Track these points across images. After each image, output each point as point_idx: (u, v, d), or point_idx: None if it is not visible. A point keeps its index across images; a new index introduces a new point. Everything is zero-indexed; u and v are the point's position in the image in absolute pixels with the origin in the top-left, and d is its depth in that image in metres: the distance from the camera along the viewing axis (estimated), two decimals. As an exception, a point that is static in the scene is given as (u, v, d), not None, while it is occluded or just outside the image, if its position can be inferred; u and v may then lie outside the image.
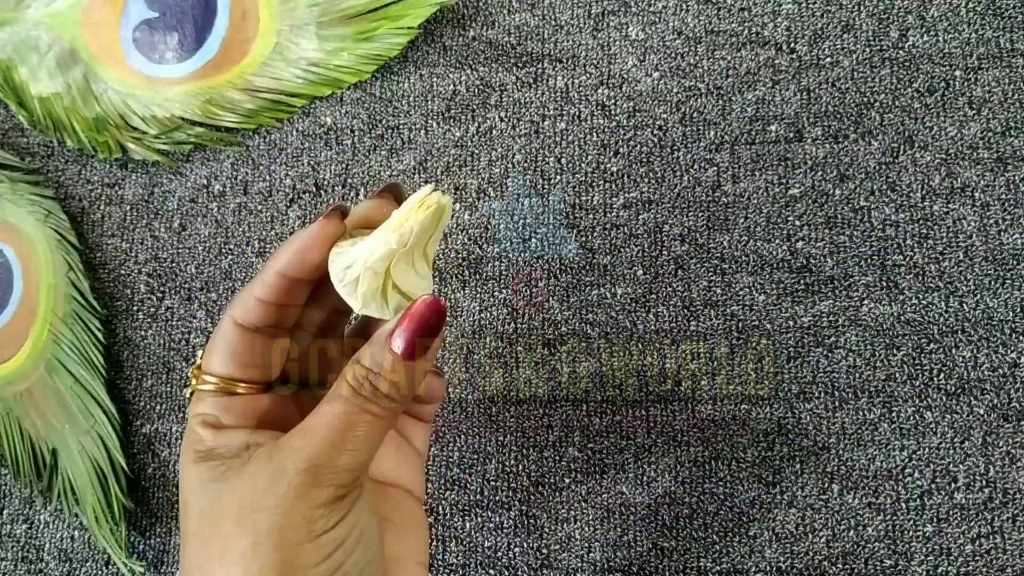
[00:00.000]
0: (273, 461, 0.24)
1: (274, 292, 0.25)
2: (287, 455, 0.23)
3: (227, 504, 0.24)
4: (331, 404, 0.24)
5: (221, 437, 0.25)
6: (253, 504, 0.23)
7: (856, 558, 0.34)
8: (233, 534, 0.23)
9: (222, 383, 0.26)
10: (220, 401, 0.26)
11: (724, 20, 0.39)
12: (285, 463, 0.23)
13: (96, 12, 0.42)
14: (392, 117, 0.40)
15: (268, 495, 0.23)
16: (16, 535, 0.39)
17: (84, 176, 0.41)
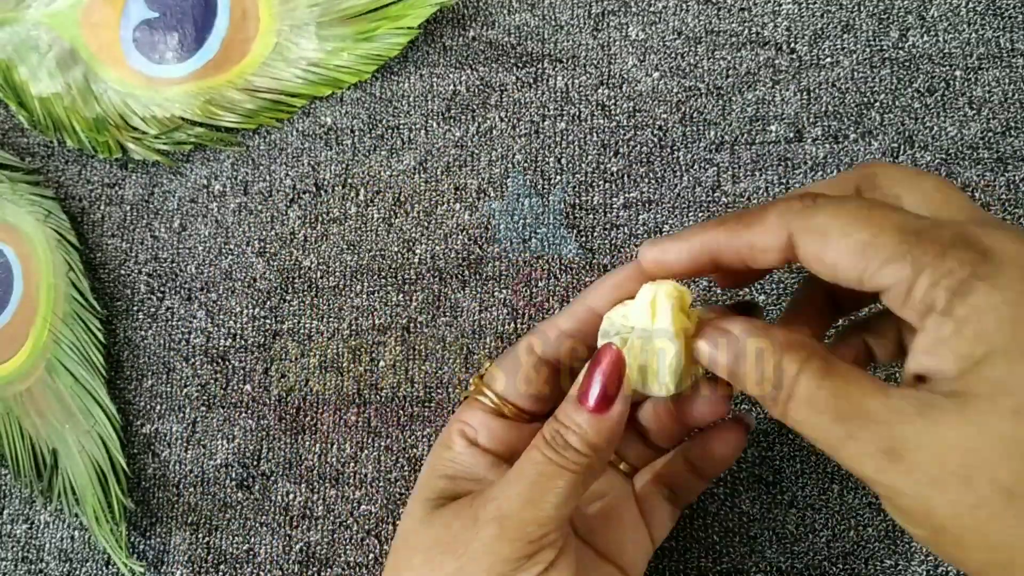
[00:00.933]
0: (472, 507, 0.24)
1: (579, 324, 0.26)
2: (482, 504, 0.24)
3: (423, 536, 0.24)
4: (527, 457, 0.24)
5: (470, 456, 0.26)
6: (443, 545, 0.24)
7: (856, 558, 0.34)
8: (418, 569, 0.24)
9: (498, 402, 0.27)
10: (486, 419, 0.27)
11: (724, 20, 0.39)
12: (478, 512, 0.24)
13: (96, 12, 0.42)
14: (392, 117, 0.40)
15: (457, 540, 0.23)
16: (16, 535, 0.39)
17: (84, 176, 0.41)
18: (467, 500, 0.24)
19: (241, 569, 0.37)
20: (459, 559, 0.23)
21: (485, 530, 0.23)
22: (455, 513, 0.24)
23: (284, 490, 0.37)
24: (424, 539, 0.24)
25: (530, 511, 0.23)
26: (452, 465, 0.26)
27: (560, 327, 0.26)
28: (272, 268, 0.39)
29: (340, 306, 0.38)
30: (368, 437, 0.37)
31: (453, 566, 0.23)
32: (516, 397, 0.27)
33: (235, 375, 0.39)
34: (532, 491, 0.23)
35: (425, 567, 0.24)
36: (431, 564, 0.24)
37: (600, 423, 0.23)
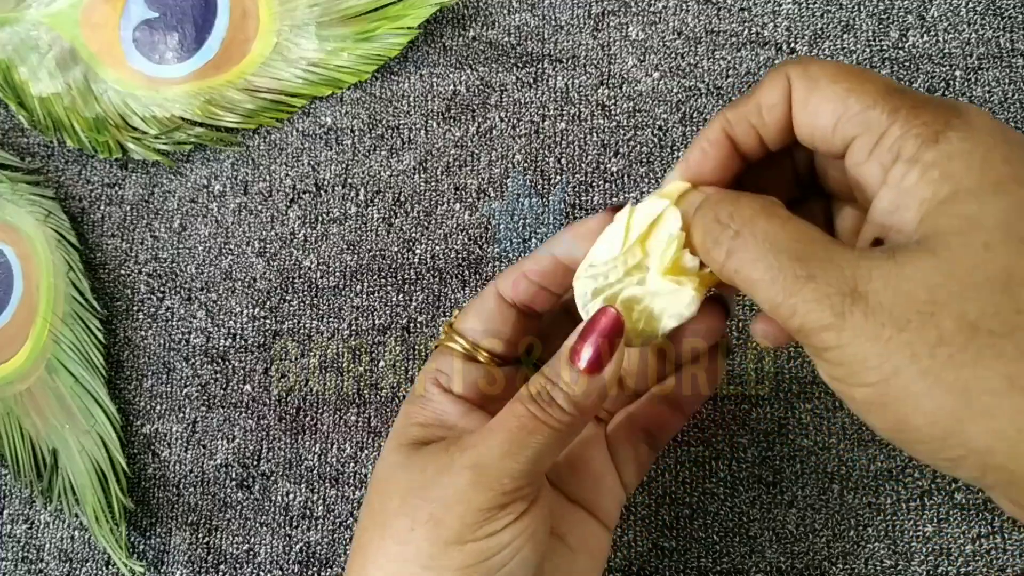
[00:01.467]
0: (448, 452, 0.24)
1: (543, 274, 0.26)
2: (459, 450, 0.24)
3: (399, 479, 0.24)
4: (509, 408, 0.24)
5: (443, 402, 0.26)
6: (418, 489, 0.24)
7: (856, 558, 0.34)
8: (396, 513, 0.24)
9: (469, 346, 0.27)
10: (458, 364, 0.27)
11: (724, 20, 0.39)
12: (455, 457, 0.24)
13: (96, 12, 0.42)
14: (392, 117, 0.40)
15: (433, 485, 0.24)
16: (16, 535, 0.39)
17: (84, 176, 0.41)
18: (443, 445, 0.24)
19: (241, 569, 0.37)
20: (432, 504, 0.23)
21: (460, 477, 0.23)
22: (430, 457, 0.24)
23: (284, 490, 0.37)
24: (400, 483, 0.24)
25: (507, 463, 0.23)
26: (424, 413, 0.26)
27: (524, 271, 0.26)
28: (272, 268, 0.39)
29: (340, 306, 0.38)
30: (368, 437, 0.37)
31: (426, 511, 0.23)
32: (487, 342, 0.27)
33: (235, 375, 0.39)
34: (511, 444, 0.23)
35: (400, 511, 0.24)
36: (406, 508, 0.24)
37: (590, 384, 0.23)
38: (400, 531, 0.24)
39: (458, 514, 0.23)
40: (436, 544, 0.23)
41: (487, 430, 0.24)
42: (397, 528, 0.24)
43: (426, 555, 0.23)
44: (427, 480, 0.24)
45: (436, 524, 0.23)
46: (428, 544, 0.23)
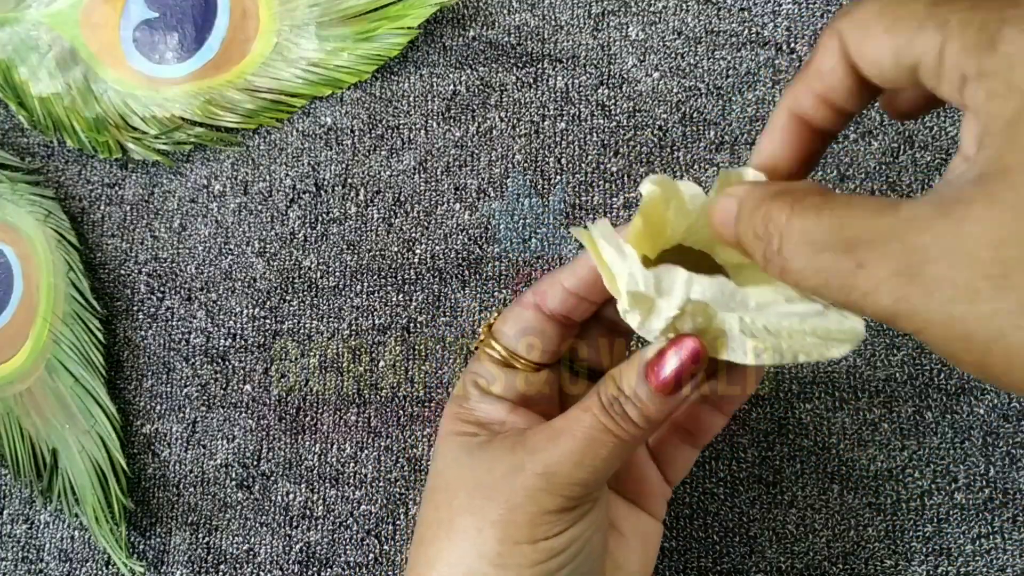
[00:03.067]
0: (515, 453, 0.24)
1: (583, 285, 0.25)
2: (528, 453, 0.24)
3: (464, 477, 0.25)
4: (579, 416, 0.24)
5: (485, 404, 0.27)
6: (486, 489, 0.24)
7: (856, 558, 0.34)
8: (461, 510, 0.24)
9: (506, 354, 0.27)
10: (497, 370, 0.27)
11: (724, 20, 0.39)
12: (524, 461, 0.24)
13: (96, 12, 0.42)
14: (392, 117, 0.40)
15: (501, 486, 0.24)
16: (16, 535, 0.39)
17: (84, 176, 0.41)
18: (508, 446, 0.25)
19: (241, 569, 0.37)
20: (502, 507, 0.24)
21: (531, 482, 0.23)
22: (497, 457, 0.24)
23: (284, 490, 0.37)
24: (466, 480, 0.25)
25: (578, 472, 0.23)
26: (473, 414, 0.27)
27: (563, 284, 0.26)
28: (272, 268, 0.39)
29: (340, 306, 0.38)
30: (368, 437, 0.37)
31: (497, 513, 0.24)
32: (524, 350, 0.27)
33: (235, 375, 0.39)
34: (582, 453, 0.23)
35: (468, 510, 0.24)
36: (473, 507, 0.24)
37: (663, 402, 0.23)
38: (469, 530, 0.24)
39: (528, 516, 0.23)
40: (505, 544, 0.23)
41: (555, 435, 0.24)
42: (465, 527, 0.24)
43: (495, 554, 0.23)
44: (495, 481, 0.24)
45: (506, 525, 0.23)
46: (497, 543, 0.24)
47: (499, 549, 0.23)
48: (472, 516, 0.24)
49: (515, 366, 0.27)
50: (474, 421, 0.26)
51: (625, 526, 0.28)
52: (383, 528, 0.37)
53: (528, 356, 0.27)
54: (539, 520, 0.23)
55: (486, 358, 0.27)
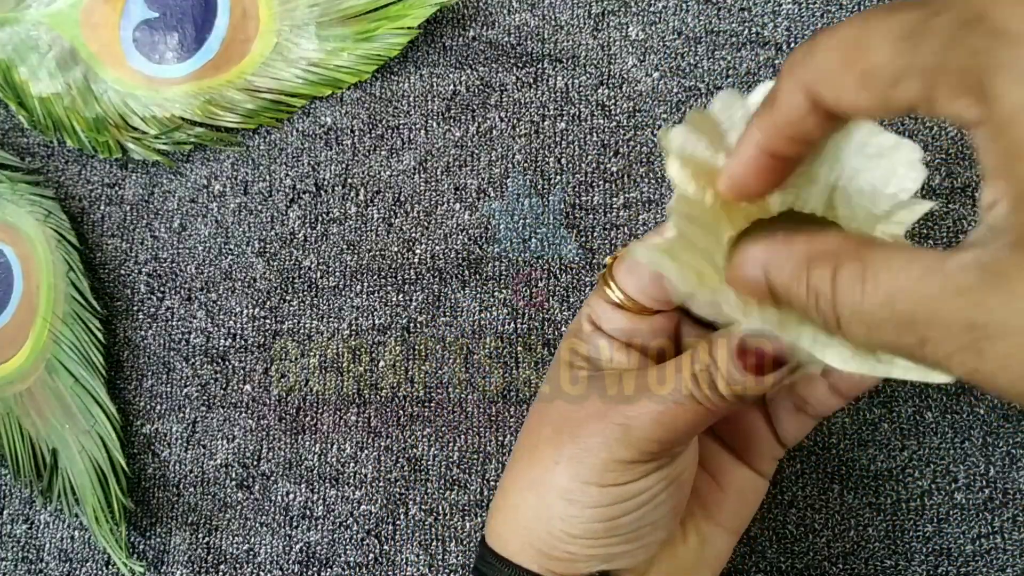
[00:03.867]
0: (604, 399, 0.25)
1: None
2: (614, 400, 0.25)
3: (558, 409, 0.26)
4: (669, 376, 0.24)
5: (595, 338, 0.27)
6: (569, 424, 0.25)
7: (856, 558, 0.34)
8: (544, 441, 0.25)
9: (624, 298, 0.27)
10: (609, 310, 0.27)
11: (724, 20, 0.39)
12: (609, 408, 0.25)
13: (96, 12, 0.42)
14: (392, 117, 0.40)
15: (583, 426, 0.25)
16: (16, 535, 0.39)
17: (84, 176, 0.41)
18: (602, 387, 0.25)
19: (241, 569, 0.37)
20: (579, 446, 0.24)
21: (608, 431, 0.24)
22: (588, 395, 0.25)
23: (284, 490, 0.37)
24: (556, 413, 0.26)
25: (657, 432, 0.24)
26: (584, 345, 0.27)
27: None
28: (272, 268, 0.39)
29: (340, 306, 0.38)
30: (368, 437, 0.37)
31: (572, 449, 0.25)
32: (641, 298, 0.27)
33: (235, 375, 0.39)
34: (664, 415, 0.24)
35: (550, 442, 0.25)
36: (555, 440, 0.25)
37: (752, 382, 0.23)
38: (546, 460, 0.25)
39: (601, 460, 0.24)
40: (575, 481, 0.24)
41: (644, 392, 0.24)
42: (543, 457, 0.25)
43: (564, 488, 0.24)
44: (579, 420, 0.25)
45: (578, 463, 0.24)
46: (568, 479, 0.24)
47: (568, 485, 0.24)
48: (552, 448, 0.25)
49: (629, 308, 0.27)
50: (584, 355, 0.27)
51: (725, 479, 0.29)
52: (383, 528, 0.37)
53: (644, 303, 0.27)
54: (610, 467, 0.24)
55: (602, 296, 0.27)
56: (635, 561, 0.26)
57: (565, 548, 0.25)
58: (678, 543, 0.28)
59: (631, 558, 0.26)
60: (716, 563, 0.29)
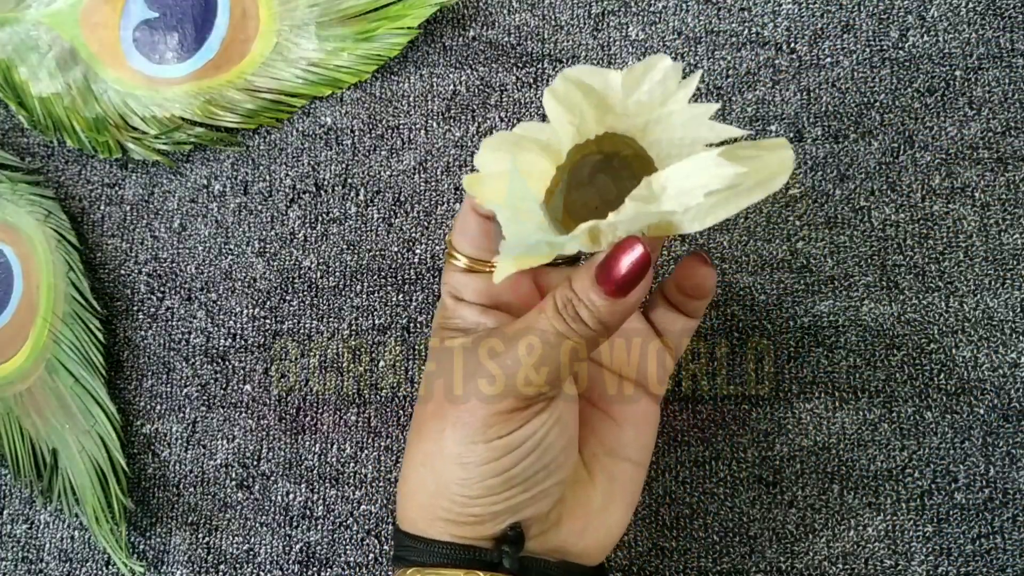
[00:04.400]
0: (475, 354, 0.25)
1: None
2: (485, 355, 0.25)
3: (437, 382, 0.27)
4: (534, 318, 0.25)
5: (461, 310, 0.28)
6: (448, 391, 0.26)
7: (856, 558, 0.34)
8: (429, 415, 0.26)
9: (469, 261, 0.28)
10: (463, 277, 0.28)
11: (724, 20, 0.39)
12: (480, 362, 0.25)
13: (96, 12, 0.42)
14: (392, 117, 0.40)
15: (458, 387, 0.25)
16: (16, 535, 0.39)
17: (84, 176, 0.41)
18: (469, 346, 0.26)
19: (241, 569, 0.37)
20: (458, 408, 0.25)
21: (485, 385, 0.25)
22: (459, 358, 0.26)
23: (284, 490, 0.37)
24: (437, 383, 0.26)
25: (531, 374, 0.24)
26: (452, 322, 0.28)
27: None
28: (272, 268, 0.39)
29: (340, 306, 0.38)
30: (368, 437, 0.37)
31: (454, 415, 0.25)
32: (480, 254, 0.28)
33: (235, 375, 0.39)
34: (534, 355, 0.24)
35: (435, 414, 0.26)
36: (438, 411, 0.26)
37: (615, 305, 0.24)
38: (432, 433, 0.26)
39: (482, 417, 0.25)
40: (463, 444, 0.25)
41: (510, 338, 0.25)
42: (430, 430, 0.26)
43: (455, 454, 0.25)
44: (454, 383, 0.25)
45: (463, 426, 0.25)
46: (455, 444, 0.25)
47: (458, 449, 0.25)
48: (436, 420, 0.26)
49: (478, 270, 0.28)
50: (454, 328, 0.28)
51: (615, 411, 0.29)
52: (383, 528, 0.37)
53: (486, 258, 0.28)
54: (492, 420, 0.24)
55: (453, 268, 0.28)
56: (541, 508, 0.26)
57: (469, 512, 0.25)
58: (586, 484, 0.28)
59: (535, 506, 0.26)
60: (629, 497, 0.29)
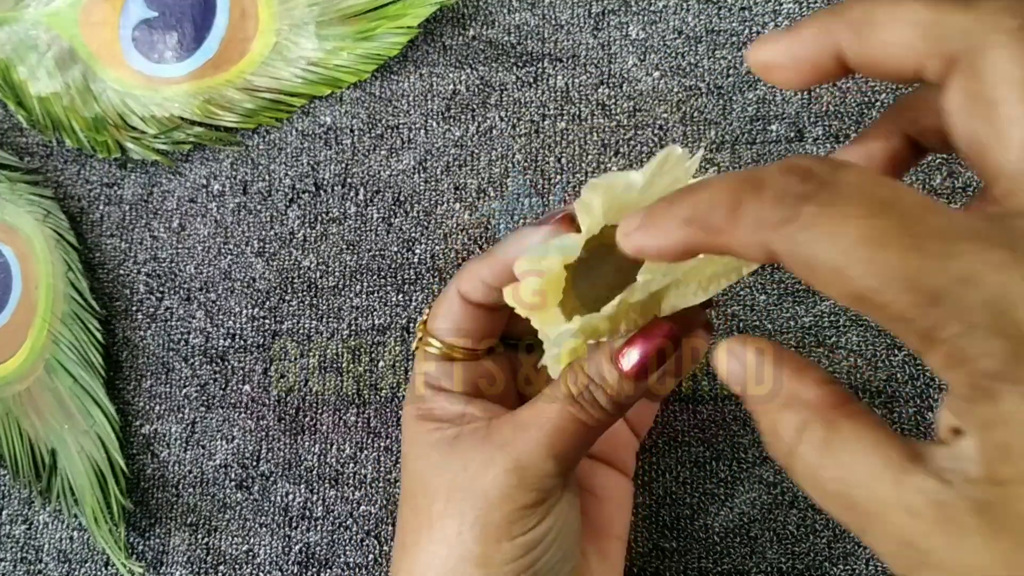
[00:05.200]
0: (483, 449, 0.24)
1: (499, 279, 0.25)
2: (497, 448, 0.24)
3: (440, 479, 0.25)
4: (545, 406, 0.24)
5: (440, 400, 0.27)
6: (462, 489, 0.24)
7: (857, 559, 0.34)
8: (441, 515, 0.25)
9: (445, 348, 0.27)
10: (442, 365, 0.27)
11: (725, 19, 0.39)
12: (494, 456, 0.24)
13: (95, 11, 0.42)
14: (392, 117, 0.40)
15: (475, 485, 0.24)
16: (15, 536, 0.39)
17: (83, 176, 0.41)
18: (477, 440, 0.25)
19: (240, 570, 0.37)
20: (479, 507, 0.24)
21: (504, 479, 0.24)
22: (468, 455, 0.25)
23: (283, 491, 0.37)
24: (443, 481, 0.25)
25: (548, 464, 0.24)
26: (433, 412, 0.27)
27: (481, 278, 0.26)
28: (271, 268, 0.39)
29: (340, 306, 0.38)
30: (368, 437, 0.37)
31: (473, 514, 0.24)
32: (460, 341, 0.27)
33: (234, 375, 0.38)
34: (551, 442, 0.24)
35: (446, 513, 0.25)
36: (451, 510, 0.24)
37: (631, 387, 0.23)
38: (449, 534, 0.24)
39: (504, 514, 0.24)
40: (487, 543, 0.24)
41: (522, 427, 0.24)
42: (445, 530, 0.25)
43: (478, 555, 0.24)
44: (469, 480, 0.24)
45: (484, 525, 0.24)
46: (478, 544, 0.24)
47: (480, 550, 0.24)
48: (452, 519, 0.24)
49: (456, 357, 0.27)
50: (435, 419, 0.27)
51: (599, 489, 0.29)
52: (383, 529, 0.36)
53: (466, 346, 0.27)
54: (515, 516, 0.24)
55: (427, 355, 0.28)
56: None
57: None
58: (582, 567, 0.28)
59: None
60: (617, 573, 0.29)
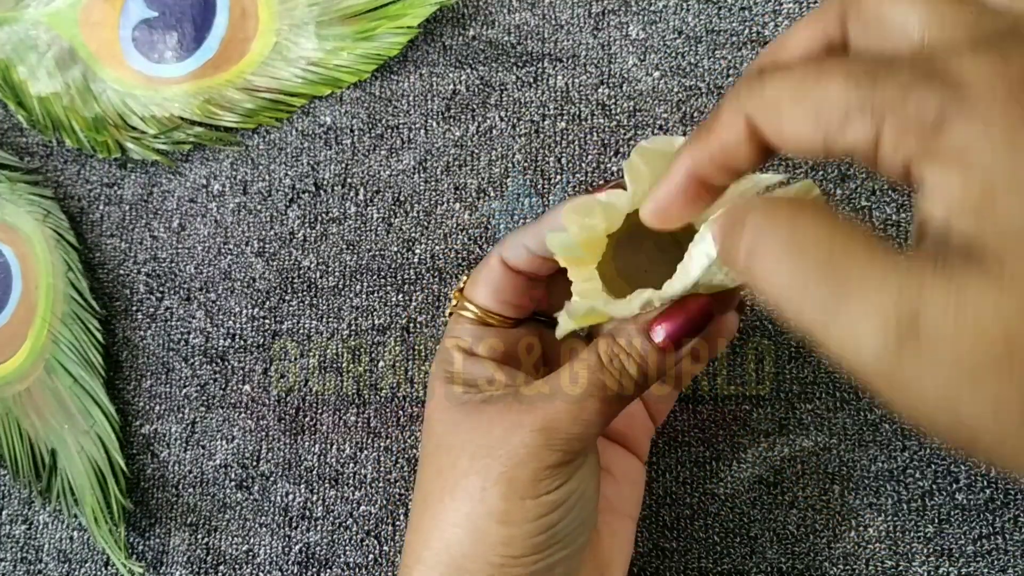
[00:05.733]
0: (512, 411, 0.25)
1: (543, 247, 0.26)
2: (526, 411, 0.25)
3: (465, 439, 0.25)
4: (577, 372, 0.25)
5: (470, 365, 0.27)
6: (488, 448, 0.25)
7: (857, 559, 0.34)
8: (465, 473, 0.25)
9: (481, 313, 0.27)
10: (475, 329, 0.28)
11: (725, 19, 0.39)
12: (523, 418, 0.25)
13: (95, 11, 0.42)
14: (392, 117, 0.40)
15: (503, 444, 0.25)
16: (15, 536, 0.39)
17: (83, 176, 0.41)
18: (504, 404, 0.25)
19: (240, 570, 0.37)
20: (504, 464, 0.24)
21: (531, 439, 0.24)
22: (494, 417, 0.25)
23: (283, 491, 0.37)
24: (467, 442, 0.25)
25: (577, 427, 0.24)
26: (461, 376, 0.27)
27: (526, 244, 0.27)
28: (271, 268, 0.39)
29: (340, 306, 0.38)
30: (368, 437, 0.37)
31: (499, 471, 0.24)
32: (497, 307, 0.28)
33: (234, 375, 0.38)
34: (580, 408, 0.24)
35: (471, 471, 0.25)
36: (476, 467, 0.25)
37: (663, 358, 0.24)
38: (473, 490, 0.25)
39: (530, 472, 0.24)
40: (510, 500, 0.24)
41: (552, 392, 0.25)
42: (469, 488, 0.25)
43: (501, 511, 0.24)
44: (495, 440, 0.25)
45: (509, 482, 0.24)
46: (502, 501, 0.24)
47: (504, 506, 0.24)
48: (476, 476, 0.25)
49: (491, 323, 0.28)
50: (463, 383, 0.27)
51: (615, 469, 0.30)
52: (383, 529, 0.36)
53: (502, 312, 0.28)
54: (540, 475, 0.24)
55: (463, 320, 0.28)
56: (572, 567, 0.26)
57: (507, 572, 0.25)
58: (594, 541, 0.28)
59: (567, 564, 0.26)
60: (627, 553, 0.30)
